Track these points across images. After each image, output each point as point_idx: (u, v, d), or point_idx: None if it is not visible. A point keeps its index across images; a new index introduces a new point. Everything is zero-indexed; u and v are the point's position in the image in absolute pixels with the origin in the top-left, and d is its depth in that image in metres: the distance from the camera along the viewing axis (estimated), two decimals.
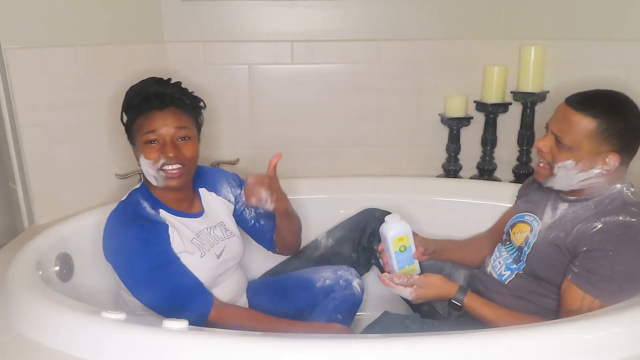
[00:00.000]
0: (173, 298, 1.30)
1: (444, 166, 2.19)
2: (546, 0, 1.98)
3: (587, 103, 1.25)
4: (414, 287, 1.35)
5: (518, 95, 2.02)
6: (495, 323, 1.28)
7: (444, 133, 2.14)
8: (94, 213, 1.66)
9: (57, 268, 1.51)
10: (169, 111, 1.33)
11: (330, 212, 1.85)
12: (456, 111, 2.08)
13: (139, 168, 1.41)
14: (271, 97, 2.08)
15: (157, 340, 1.07)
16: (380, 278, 1.40)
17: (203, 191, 1.50)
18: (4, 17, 1.54)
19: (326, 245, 1.75)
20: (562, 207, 1.35)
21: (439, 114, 2.14)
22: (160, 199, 1.39)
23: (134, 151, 1.39)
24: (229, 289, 1.47)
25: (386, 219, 1.43)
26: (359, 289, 1.55)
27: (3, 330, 1.17)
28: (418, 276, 1.38)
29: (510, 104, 2.06)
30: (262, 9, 2.00)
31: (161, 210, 1.38)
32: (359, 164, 2.17)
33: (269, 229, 1.57)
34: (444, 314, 1.52)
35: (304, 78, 2.07)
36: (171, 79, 1.39)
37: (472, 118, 2.10)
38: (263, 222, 1.57)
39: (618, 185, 1.28)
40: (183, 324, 1.09)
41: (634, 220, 1.21)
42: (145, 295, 1.31)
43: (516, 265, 1.40)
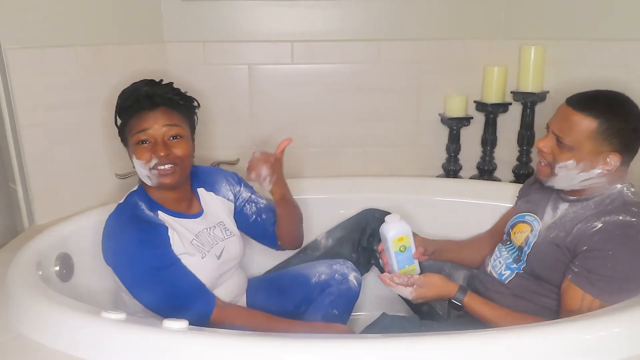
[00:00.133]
0: (175, 299, 1.29)
1: (444, 166, 2.19)
2: (546, 0, 1.98)
3: (588, 103, 1.25)
4: (414, 287, 1.35)
5: (518, 95, 2.02)
6: (495, 323, 1.28)
7: (444, 133, 2.14)
8: (94, 213, 1.66)
9: (57, 268, 1.51)
10: (159, 110, 1.32)
11: (330, 212, 1.85)
12: (456, 111, 2.08)
13: None
14: (271, 97, 2.08)
15: (157, 340, 1.07)
16: (381, 278, 1.40)
17: (202, 191, 1.50)
18: (4, 17, 1.54)
19: (326, 245, 1.75)
20: (563, 207, 1.35)
21: (439, 114, 2.14)
22: (158, 201, 1.39)
23: (128, 153, 1.39)
24: (229, 289, 1.46)
25: (386, 219, 1.43)
26: (356, 283, 1.55)
27: (3, 330, 1.17)
28: (418, 276, 1.38)
29: (510, 104, 2.06)
30: (262, 9, 2.00)
31: (159, 212, 1.37)
32: (359, 164, 2.17)
33: (270, 223, 1.56)
34: (443, 314, 1.52)
35: (304, 78, 2.07)
36: (162, 80, 1.38)
37: (472, 118, 2.10)
38: (265, 216, 1.56)
39: (618, 185, 1.28)
40: (183, 324, 1.09)
41: (634, 220, 1.21)
42: (146, 297, 1.31)
43: (516, 265, 1.40)
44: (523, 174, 2.08)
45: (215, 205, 1.50)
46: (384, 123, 2.14)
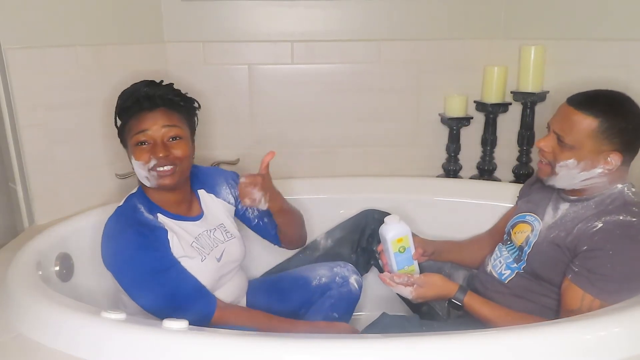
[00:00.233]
0: (175, 302, 1.29)
1: (444, 166, 2.19)
2: (546, 0, 1.98)
3: (589, 102, 1.26)
4: (415, 287, 1.35)
5: (518, 95, 2.02)
6: (495, 322, 1.28)
7: (444, 133, 2.14)
8: (94, 213, 1.66)
9: (57, 268, 1.51)
10: (159, 111, 1.32)
11: (330, 212, 1.85)
12: (456, 111, 2.08)
13: None
14: (271, 97, 2.08)
15: (157, 340, 1.07)
16: (381, 277, 1.39)
17: (202, 193, 1.49)
18: (4, 17, 1.54)
19: (325, 246, 1.74)
20: (564, 207, 1.35)
21: (439, 114, 2.14)
22: (158, 203, 1.37)
23: (127, 154, 1.38)
24: (229, 291, 1.45)
25: (386, 220, 1.43)
26: (357, 286, 1.54)
27: (3, 330, 1.17)
28: (418, 275, 1.38)
29: (510, 104, 2.06)
30: (262, 9, 2.00)
31: (159, 215, 1.36)
32: (359, 164, 2.17)
33: (272, 227, 1.55)
34: (443, 314, 1.52)
35: (304, 78, 2.07)
36: (163, 81, 1.38)
37: (472, 118, 2.10)
38: (267, 220, 1.56)
39: (619, 185, 1.28)
40: (183, 324, 1.08)
41: (634, 220, 1.21)
42: (147, 300, 1.30)
43: (517, 264, 1.40)
44: (523, 174, 2.08)
45: (216, 207, 1.49)
46: (384, 123, 2.14)
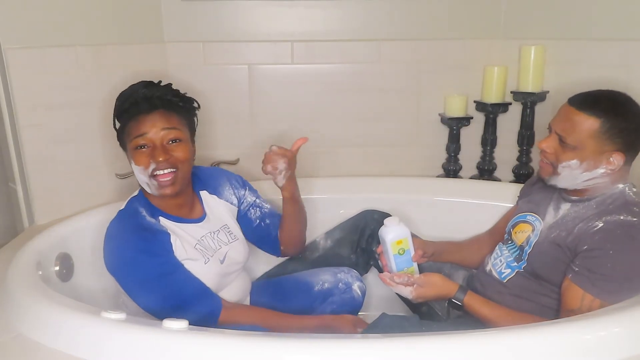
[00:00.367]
0: (181, 305, 1.28)
1: (444, 166, 2.19)
2: (546, 0, 1.98)
3: (590, 102, 1.26)
4: (415, 286, 1.35)
5: (518, 95, 2.02)
6: (495, 322, 1.28)
7: (444, 133, 2.14)
8: (93, 213, 1.66)
9: (57, 268, 1.51)
10: (157, 113, 1.30)
11: (330, 212, 1.85)
12: (456, 111, 2.08)
13: None
14: (271, 97, 2.08)
15: (157, 340, 1.07)
16: (381, 277, 1.39)
17: (204, 194, 1.47)
18: (4, 17, 1.54)
19: (325, 246, 1.74)
20: (565, 207, 1.35)
21: (439, 114, 2.14)
22: (159, 206, 1.36)
23: (127, 158, 1.36)
24: (233, 292, 1.44)
25: (385, 222, 1.43)
26: (359, 293, 1.53)
27: (3, 330, 1.17)
28: (418, 275, 1.38)
29: (510, 104, 2.06)
30: (262, 9, 2.00)
31: (161, 218, 1.35)
32: (359, 164, 2.17)
33: (274, 227, 1.54)
34: (443, 315, 1.52)
35: (304, 78, 2.07)
36: (161, 81, 1.36)
37: (472, 118, 2.10)
38: (268, 221, 1.55)
39: (620, 185, 1.29)
40: (183, 324, 1.08)
41: (635, 219, 1.21)
42: (152, 304, 1.28)
43: (517, 263, 1.40)
44: (523, 173, 2.08)
45: (219, 208, 1.48)
46: (384, 123, 2.14)
